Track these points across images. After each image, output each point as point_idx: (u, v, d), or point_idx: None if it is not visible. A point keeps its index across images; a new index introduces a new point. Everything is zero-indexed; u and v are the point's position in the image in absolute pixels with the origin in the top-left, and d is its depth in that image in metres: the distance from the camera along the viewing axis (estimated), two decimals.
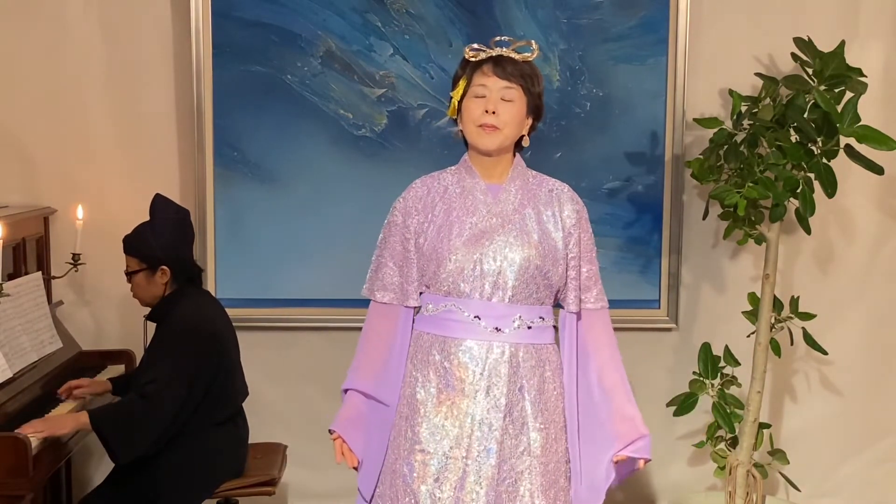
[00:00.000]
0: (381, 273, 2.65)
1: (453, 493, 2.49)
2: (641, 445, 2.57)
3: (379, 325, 2.66)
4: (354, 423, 2.61)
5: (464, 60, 2.60)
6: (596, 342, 2.64)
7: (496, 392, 2.51)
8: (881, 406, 4.14)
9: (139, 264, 3.34)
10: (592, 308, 2.65)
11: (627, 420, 2.58)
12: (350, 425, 2.60)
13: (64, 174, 3.92)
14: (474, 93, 2.55)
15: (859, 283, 4.09)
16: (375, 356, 2.64)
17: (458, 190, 2.60)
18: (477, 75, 2.55)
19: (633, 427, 2.58)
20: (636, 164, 3.97)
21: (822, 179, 3.43)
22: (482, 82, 2.54)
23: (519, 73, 2.54)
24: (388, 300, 2.64)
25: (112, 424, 3.11)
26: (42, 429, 3.05)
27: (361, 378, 2.63)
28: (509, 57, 2.56)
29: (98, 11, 3.89)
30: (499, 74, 2.53)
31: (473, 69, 2.56)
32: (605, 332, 2.66)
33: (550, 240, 2.57)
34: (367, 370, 2.63)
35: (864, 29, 3.94)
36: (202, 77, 3.85)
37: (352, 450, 2.59)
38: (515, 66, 2.55)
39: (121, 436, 3.09)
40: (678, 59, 3.90)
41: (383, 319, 2.65)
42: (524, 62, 2.57)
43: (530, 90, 2.56)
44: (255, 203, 3.93)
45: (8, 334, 3.29)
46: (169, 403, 3.13)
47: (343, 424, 2.60)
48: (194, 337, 3.23)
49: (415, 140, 3.94)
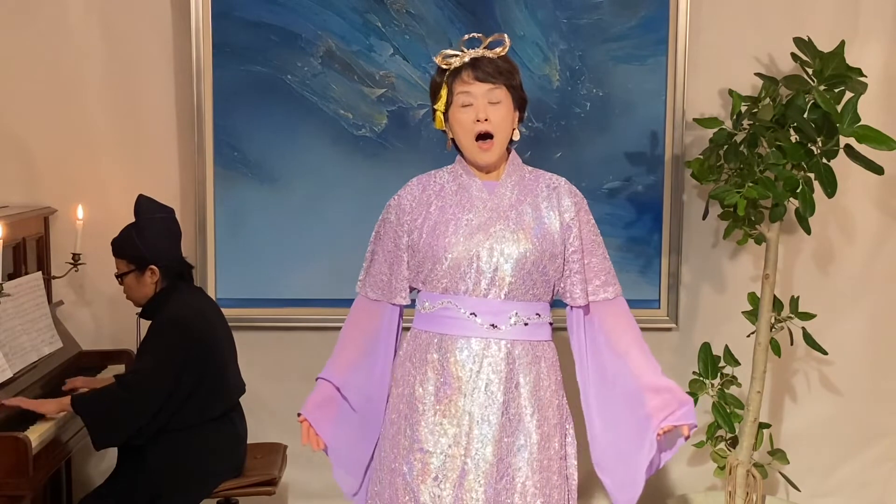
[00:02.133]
0: (372, 270, 2.67)
1: (453, 492, 2.49)
2: (684, 412, 2.54)
3: (361, 321, 2.69)
4: (322, 408, 2.65)
5: (439, 69, 2.56)
6: (614, 330, 2.62)
7: (493, 389, 2.51)
8: (881, 406, 4.14)
9: (128, 266, 3.36)
10: (604, 298, 2.63)
11: (663, 391, 2.56)
12: (317, 409, 2.65)
13: (64, 174, 3.92)
14: (460, 102, 2.52)
15: (859, 283, 4.09)
16: (352, 352, 2.68)
17: (454, 187, 2.60)
18: (457, 83, 2.52)
19: (672, 396, 2.55)
20: (636, 164, 3.97)
21: (822, 179, 3.43)
22: (465, 90, 2.51)
23: (498, 72, 2.52)
24: (375, 297, 2.66)
25: (91, 410, 3.15)
26: (26, 404, 3.12)
27: (335, 372, 2.67)
28: (485, 57, 2.52)
29: (98, 11, 3.89)
30: (480, 79, 2.50)
31: (452, 77, 2.53)
32: (624, 318, 2.65)
33: (548, 234, 2.56)
34: (341, 365, 2.68)
35: (864, 29, 3.94)
36: (202, 77, 3.85)
37: (318, 434, 2.63)
38: (493, 64, 2.51)
39: (98, 421, 3.14)
40: (678, 59, 3.90)
41: (367, 315, 2.68)
42: (499, 58, 2.54)
43: (512, 85, 2.55)
44: (255, 203, 3.93)
45: (8, 334, 3.29)
46: (151, 395, 3.17)
47: (310, 408, 2.65)
48: (182, 331, 3.25)
49: (415, 140, 3.94)
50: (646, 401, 2.55)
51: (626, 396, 2.59)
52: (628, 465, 2.59)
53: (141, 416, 3.16)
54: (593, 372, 2.64)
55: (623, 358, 2.60)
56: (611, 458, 2.63)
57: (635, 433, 2.57)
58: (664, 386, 2.57)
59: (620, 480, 2.62)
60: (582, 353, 2.66)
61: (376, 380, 2.68)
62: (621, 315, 2.65)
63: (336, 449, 2.68)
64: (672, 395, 2.56)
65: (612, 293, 2.65)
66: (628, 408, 2.58)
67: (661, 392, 2.56)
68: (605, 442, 2.63)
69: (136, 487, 3.25)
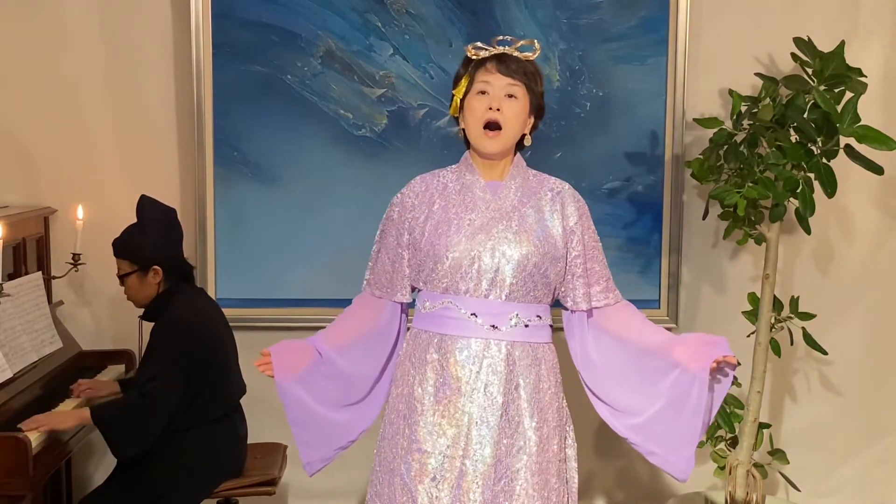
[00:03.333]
0: (377, 268, 2.68)
1: (451, 493, 2.48)
2: (722, 346, 2.53)
3: (361, 313, 2.69)
4: (290, 349, 2.60)
5: (466, 59, 2.59)
6: (621, 326, 2.62)
7: (493, 390, 2.51)
8: (881, 406, 4.14)
9: (131, 266, 3.36)
10: (605, 304, 2.64)
11: (690, 341, 2.55)
12: (285, 349, 2.60)
13: (64, 174, 3.92)
14: (478, 89, 2.55)
15: (859, 283, 4.09)
16: (345, 334, 2.66)
17: (458, 187, 2.60)
18: (480, 73, 2.55)
19: (700, 339, 2.55)
20: (636, 164, 3.97)
21: (821, 179, 3.43)
22: (485, 79, 2.54)
23: (522, 71, 2.55)
24: (379, 294, 2.67)
25: (113, 421, 3.14)
26: (44, 422, 3.09)
27: (322, 341, 2.64)
28: (512, 55, 2.56)
29: (98, 11, 3.89)
30: (502, 72, 2.53)
31: (476, 67, 2.56)
32: (630, 314, 2.66)
33: (550, 238, 2.56)
34: (329, 338, 2.64)
35: (864, 29, 3.94)
36: (202, 77, 3.85)
37: (275, 367, 2.56)
38: (519, 63, 2.55)
39: (122, 432, 3.13)
40: (678, 59, 3.90)
41: (368, 310, 2.68)
42: (527, 61, 2.57)
43: (533, 89, 2.57)
44: (255, 203, 3.93)
45: (8, 334, 3.29)
46: (168, 400, 3.17)
47: (279, 348, 2.60)
48: (187, 333, 3.24)
49: (415, 140, 3.94)
50: (677, 356, 2.53)
51: (654, 367, 2.56)
52: (678, 430, 2.54)
53: (161, 422, 3.16)
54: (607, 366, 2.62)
55: (640, 337, 2.60)
56: (658, 433, 2.58)
57: (677, 393, 2.53)
58: (689, 337, 2.59)
59: (674, 448, 2.57)
60: (588, 354, 2.65)
61: (362, 369, 2.65)
62: (626, 313, 2.67)
63: (295, 406, 2.60)
64: (701, 339, 2.57)
65: (612, 299, 2.66)
66: (660, 374, 2.55)
67: (689, 342, 2.56)
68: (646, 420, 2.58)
69: (136, 487, 3.25)
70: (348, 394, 2.67)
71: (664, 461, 2.61)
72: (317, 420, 2.64)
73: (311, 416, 2.63)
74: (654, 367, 2.56)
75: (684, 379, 2.52)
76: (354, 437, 2.71)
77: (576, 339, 2.67)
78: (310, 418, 2.63)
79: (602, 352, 2.64)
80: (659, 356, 2.56)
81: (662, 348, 2.56)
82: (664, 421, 2.56)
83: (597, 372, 2.65)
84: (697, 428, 2.53)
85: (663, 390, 2.55)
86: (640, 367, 2.59)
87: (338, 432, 2.68)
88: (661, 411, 2.56)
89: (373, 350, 2.68)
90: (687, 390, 2.52)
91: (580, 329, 2.66)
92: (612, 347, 2.63)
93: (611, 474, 4.18)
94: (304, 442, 2.65)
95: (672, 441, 2.57)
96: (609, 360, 2.63)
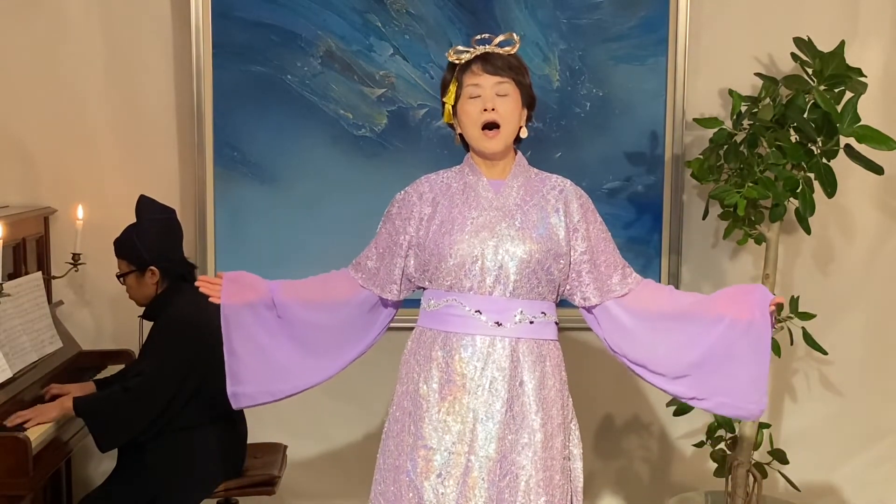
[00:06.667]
0: (365, 255, 2.70)
1: (457, 489, 2.49)
2: (764, 290, 2.56)
3: (337, 283, 2.70)
4: (246, 282, 2.64)
5: (450, 64, 2.61)
6: (652, 301, 2.62)
7: (498, 387, 2.51)
8: (881, 406, 4.14)
9: (129, 266, 3.36)
10: (629, 289, 2.64)
11: (732, 293, 2.60)
12: (241, 278, 2.64)
13: (64, 174, 3.92)
14: (468, 94, 2.56)
15: (859, 283, 4.09)
16: (308, 292, 2.68)
17: (461, 186, 2.61)
18: (467, 76, 2.56)
19: (738, 289, 2.61)
20: (636, 164, 3.98)
21: (821, 179, 3.44)
22: (474, 82, 2.55)
23: (508, 67, 2.56)
24: (359, 280, 2.69)
25: (94, 413, 3.16)
26: (29, 416, 3.10)
27: (279, 289, 2.67)
28: (495, 52, 2.57)
29: (98, 11, 3.89)
30: (489, 71, 2.55)
31: (462, 71, 2.57)
32: (655, 288, 2.67)
33: (553, 235, 2.57)
34: (289, 290, 2.67)
35: (864, 29, 3.94)
36: (202, 77, 3.85)
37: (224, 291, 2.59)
38: (503, 60, 2.56)
39: (102, 425, 3.15)
40: (678, 59, 3.90)
41: (344, 283, 2.70)
42: (510, 55, 2.58)
43: (522, 82, 2.59)
44: (255, 203, 3.93)
45: (8, 334, 3.29)
46: (155, 397, 3.18)
47: (234, 274, 2.64)
48: (186, 333, 3.25)
49: (415, 140, 3.94)
50: (722, 309, 2.56)
51: (701, 323, 2.58)
52: (742, 375, 2.56)
53: (145, 418, 3.17)
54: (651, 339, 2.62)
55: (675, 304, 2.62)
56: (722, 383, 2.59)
57: (732, 340, 2.55)
58: (726, 291, 2.63)
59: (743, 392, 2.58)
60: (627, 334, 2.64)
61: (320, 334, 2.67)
62: (651, 287, 2.67)
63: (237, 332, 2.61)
64: (737, 289, 2.63)
65: (633, 282, 2.65)
66: (710, 327, 2.56)
67: (730, 294, 2.60)
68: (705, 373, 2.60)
69: (136, 487, 3.25)
70: (299, 343, 2.66)
71: (735, 408, 2.62)
72: (256, 352, 2.63)
73: (251, 347, 2.62)
74: (701, 322, 2.58)
75: (739, 326, 2.54)
76: (290, 390, 2.68)
77: (603, 329, 2.66)
78: (249, 349, 2.62)
79: (643, 328, 2.63)
80: (702, 313, 2.59)
81: (703, 306, 2.60)
82: (726, 370, 2.57)
83: (642, 345, 2.63)
84: (763, 366, 2.55)
85: (717, 341, 2.57)
86: (686, 329, 2.60)
87: (277, 374, 2.66)
88: (720, 362, 2.57)
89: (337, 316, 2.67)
90: (743, 335, 2.54)
91: (604, 317, 2.64)
92: (653, 319, 2.62)
93: (611, 474, 4.17)
94: (234, 375, 2.63)
95: (740, 386, 2.58)
96: (653, 330, 2.63)
